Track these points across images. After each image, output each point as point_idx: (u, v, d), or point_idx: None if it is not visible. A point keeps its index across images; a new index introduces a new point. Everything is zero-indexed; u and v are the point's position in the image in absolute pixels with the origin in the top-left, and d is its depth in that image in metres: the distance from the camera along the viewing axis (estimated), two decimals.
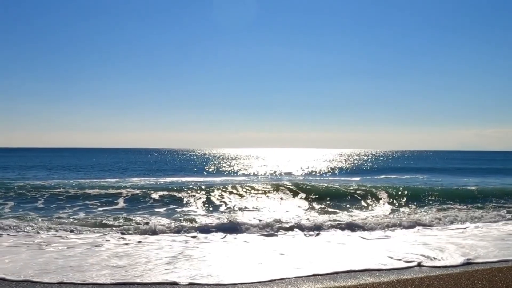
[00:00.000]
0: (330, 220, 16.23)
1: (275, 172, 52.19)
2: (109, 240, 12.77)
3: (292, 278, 9.12)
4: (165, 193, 22.38)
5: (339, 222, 15.73)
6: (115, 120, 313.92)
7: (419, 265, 10.26)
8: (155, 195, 21.74)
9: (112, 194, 21.97)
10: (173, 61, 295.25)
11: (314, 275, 9.33)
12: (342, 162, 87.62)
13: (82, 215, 17.46)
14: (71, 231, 13.94)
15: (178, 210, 19.24)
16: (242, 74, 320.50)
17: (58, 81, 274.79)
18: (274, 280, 8.96)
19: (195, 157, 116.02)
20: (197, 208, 19.72)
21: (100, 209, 18.81)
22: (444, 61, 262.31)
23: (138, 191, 22.42)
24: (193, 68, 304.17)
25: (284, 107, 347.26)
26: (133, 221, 15.82)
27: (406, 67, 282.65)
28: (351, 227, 15.34)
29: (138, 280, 8.90)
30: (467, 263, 10.44)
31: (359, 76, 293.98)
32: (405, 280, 8.77)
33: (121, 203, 20.22)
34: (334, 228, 15.10)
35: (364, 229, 15.23)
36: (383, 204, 21.66)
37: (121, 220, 16.00)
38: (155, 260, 10.57)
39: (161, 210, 19.09)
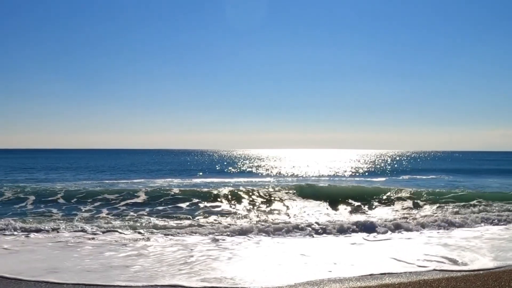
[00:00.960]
0: (357, 221, 16.12)
1: (303, 172, 52.17)
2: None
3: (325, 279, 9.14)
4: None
5: (364, 223, 15.64)
6: (136, 121, 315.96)
7: (434, 269, 10.16)
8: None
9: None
10: (193, 62, 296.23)
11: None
12: (367, 163, 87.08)
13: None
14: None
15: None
16: (263, 75, 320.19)
17: (80, 82, 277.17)
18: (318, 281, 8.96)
19: (226, 157, 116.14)
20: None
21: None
22: (470, 60, 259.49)
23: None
24: (212, 69, 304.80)
25: (308, 107, 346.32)
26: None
27: (431, 66, 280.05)
28: (369, 228, 15.25)
29: None
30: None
31: (381, 75, 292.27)
32: (432, 281, 8.73)
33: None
34: (355, 229, 15.08)
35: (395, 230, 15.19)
36: (410, 204, 21.42)
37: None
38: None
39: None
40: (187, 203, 20.38)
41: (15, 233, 14.02)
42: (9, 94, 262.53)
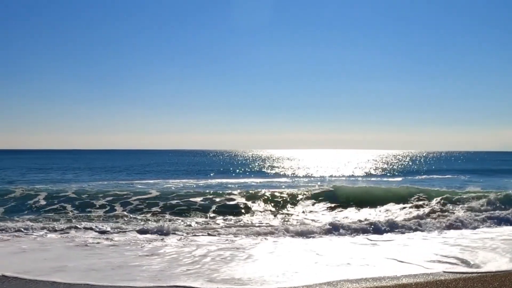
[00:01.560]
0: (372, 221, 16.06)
1: (320, 172, 52.22)
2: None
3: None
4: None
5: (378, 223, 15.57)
6: (152, 122, 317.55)
7: (450, 271, 10.04)
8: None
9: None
10: (205, 62, 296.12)
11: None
12: (385, 163, 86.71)
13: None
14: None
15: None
16: (276, 75, 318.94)
17: (96, 83, 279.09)
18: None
19: (242, 158, 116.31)
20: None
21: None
22: (488, 58, 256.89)
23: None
24: (227, 69, 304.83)
25: (321, 107, 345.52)
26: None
27: (448, 65, 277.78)
28: (378, 230, 15.16)
29: None
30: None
31: (394, 75, 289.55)
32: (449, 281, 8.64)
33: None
34: (368, 229, 15.04)
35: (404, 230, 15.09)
36: (425, 204, 21.22)
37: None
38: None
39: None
40: (204, 204, 20.32)
41: (33, 233, 14.13)
42: (26, 95, 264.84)
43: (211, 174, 47.50)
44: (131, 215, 17.98)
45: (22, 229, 14.49)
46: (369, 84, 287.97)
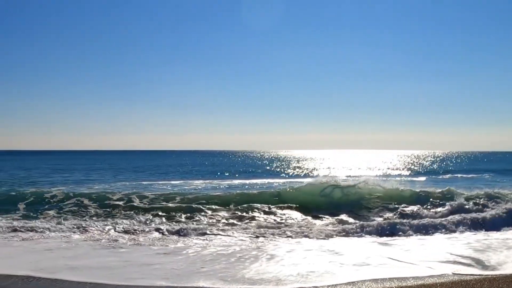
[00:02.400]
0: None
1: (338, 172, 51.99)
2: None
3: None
4: None
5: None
6: (176, 122, 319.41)
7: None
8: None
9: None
10: (220, 63, 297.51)
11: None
12: (408, 163, 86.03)
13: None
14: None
15: None
16: (295, 75, 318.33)
17: (118, 84, 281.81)
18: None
19: (267, 158, 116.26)
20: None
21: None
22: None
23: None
24: (251, 70, 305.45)
25: (347, 107, 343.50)
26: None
27: (473, 64, 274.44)
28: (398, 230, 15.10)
29: None
30: None
31: (416, 75, 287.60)
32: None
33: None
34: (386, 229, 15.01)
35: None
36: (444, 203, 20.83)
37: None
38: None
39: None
40: (225, 204, 20.29)
41: (59, 233, 14.31)
42: (49, 96, 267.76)
43: (236, 175, 47.49)
44: (156, 214, 18.02)
45: (49, 229, 14.69)
46: (389, 84, 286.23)
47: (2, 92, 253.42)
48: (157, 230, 14.66)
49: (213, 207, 19.54)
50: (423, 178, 40.25)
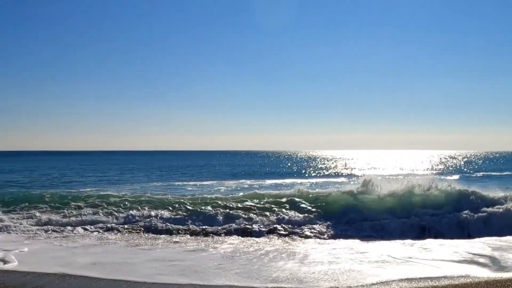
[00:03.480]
0: None
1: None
2: None
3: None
4: None
5: None
6: (206, 123, 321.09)
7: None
8: None
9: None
10: (247, 63, 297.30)
11: None
12: (441, 163, 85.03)
13: None
14: None
15: None
16: (323, 75, 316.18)
17: (148, 85, 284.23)
18: None
19: (299, 159, 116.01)
20: None
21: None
22: None
23: None
24: (274, 70, 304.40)
25: (378, 107, 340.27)
26: None
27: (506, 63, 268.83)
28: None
29: None
30: None
31: (457, 74, 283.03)
32: None
33: None
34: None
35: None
36: None
37: None
38: None
39: None
40: (259, 204, 20.19)
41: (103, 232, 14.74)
42: (78, 98, 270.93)
43: (270, 175, 47.56)
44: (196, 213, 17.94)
45: (88, 228, 15.01)
46: (425, 83, 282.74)
47: (37, 92, 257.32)
48: (196, 229, 14.79)
49: (248, 206, 19.43)
50: (456, 177, 40.00)
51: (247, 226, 15.24)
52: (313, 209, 17.49)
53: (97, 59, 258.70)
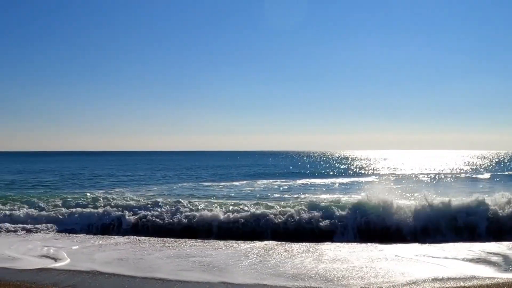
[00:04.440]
0: None
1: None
2: None
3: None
4: None
5: None
6: (236, 123, 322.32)
7: None
8: None
9: None
10: (267, 63, 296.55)
11: None
12: (469, 164, 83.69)
13: None
14: None
15: None
16: (357, 75, 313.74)
17: (175, 86, 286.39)
18: None
19: (327, 159, 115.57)
20: None
21: None
22: None
23: None
24: (293, 69, 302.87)
25: (407, 107, 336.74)
26: None
27: None
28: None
29: None
30: None
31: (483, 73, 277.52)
32: None
33: None
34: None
35: None
36: None
37: None
38: None
39: None
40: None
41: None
42: (112, 98, 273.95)
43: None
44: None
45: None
46: (451, 83, 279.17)
47: (66, 93, 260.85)
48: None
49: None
50: (487, 176, 40.07)
51: None
52: None
53: (115, 60, 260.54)
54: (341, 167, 67.41)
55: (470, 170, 56.03)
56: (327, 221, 14.87)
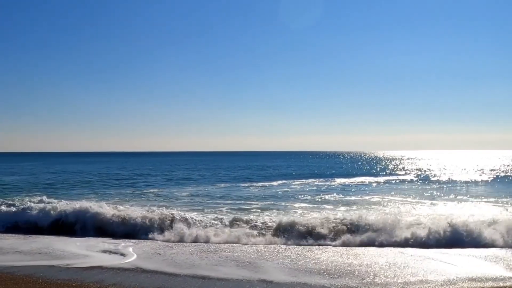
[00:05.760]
0: None
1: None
2: None
3: None
4: None
5: None
6: (273, 124, 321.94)
7: None
8: None
9: None
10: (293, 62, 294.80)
11: None
12: None
13: None
14: None
15: None
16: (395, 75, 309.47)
17: (220, 87, 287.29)
18: None
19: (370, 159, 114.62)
20: None
21: None
22: None
23: None
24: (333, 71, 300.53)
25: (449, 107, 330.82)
26: None
27: None
28: None
29: None
30: None
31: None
32: None
33: None
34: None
35: None
36: None
37: None
38: None
39: None
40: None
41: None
42: (155, 101, 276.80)
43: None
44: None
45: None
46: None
47: (107, 94, 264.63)
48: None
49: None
50: None
51: None
52: None
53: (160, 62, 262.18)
54: (389, 166, 67.38)
55: None
56: None
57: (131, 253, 11.74)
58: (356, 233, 13.61)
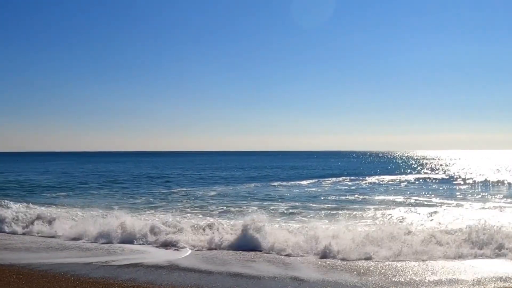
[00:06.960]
0: None
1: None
2: None
3: None
4: None
5: None
6: (295, 124, 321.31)
7: None
8: None
9: None
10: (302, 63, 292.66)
11: None
12: None
13: None
14: None
15: None
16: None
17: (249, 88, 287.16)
18: None
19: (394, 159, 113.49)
20: None
21: None
22: None
23: None
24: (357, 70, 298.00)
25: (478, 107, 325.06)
26: None
27: None
28: None
29: None
30: None
31: None
32: None
33: None
34: None
35: None
36: None
37: None
38: None
39: None
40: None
41: None
42: (186, 101, 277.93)
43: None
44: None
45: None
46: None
47: (146, 97, 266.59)
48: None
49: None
50: None
51: None
52: None
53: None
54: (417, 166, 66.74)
55: None
56: None
57: (165, 251, 11.96)
58: None
